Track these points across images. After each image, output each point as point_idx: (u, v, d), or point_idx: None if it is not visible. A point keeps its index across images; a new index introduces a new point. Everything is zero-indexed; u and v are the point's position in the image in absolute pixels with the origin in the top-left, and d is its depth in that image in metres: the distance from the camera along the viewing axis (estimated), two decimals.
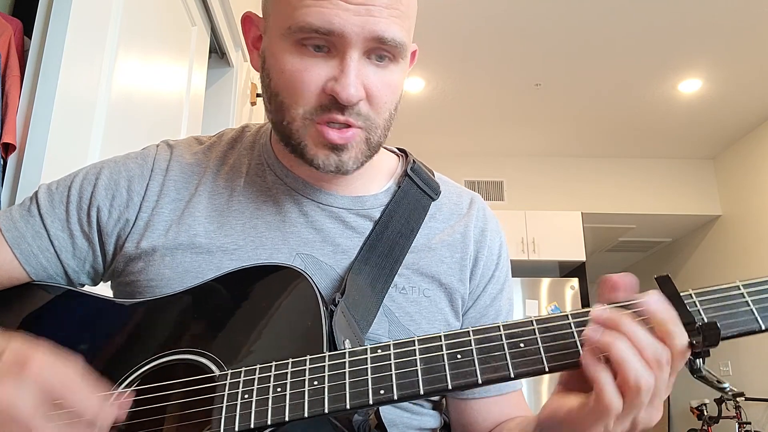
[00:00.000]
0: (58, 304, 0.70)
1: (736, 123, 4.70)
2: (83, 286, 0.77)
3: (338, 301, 0.63)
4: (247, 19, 0.73)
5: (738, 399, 4.53)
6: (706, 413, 4.95)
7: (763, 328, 0.50)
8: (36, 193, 0.74)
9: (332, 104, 0.63)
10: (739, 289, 0.51)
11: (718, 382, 0.50)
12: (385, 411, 0.69)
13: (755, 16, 3.42)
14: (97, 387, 0.52)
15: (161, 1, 1.69)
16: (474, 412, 0.75)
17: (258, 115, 2.97)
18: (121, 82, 1.39)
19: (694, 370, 0.50)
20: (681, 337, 0.49)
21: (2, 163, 1.05)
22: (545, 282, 4.73)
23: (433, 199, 0.78)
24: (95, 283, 0.78)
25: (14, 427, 0.47)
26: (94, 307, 0.68)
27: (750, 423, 4.55)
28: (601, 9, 3.40)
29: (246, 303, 0.62)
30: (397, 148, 0.85)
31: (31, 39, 1.14)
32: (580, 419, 0.50)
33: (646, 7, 3.37)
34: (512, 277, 0.84)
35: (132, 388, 0.59)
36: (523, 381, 0.75)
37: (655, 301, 0.49)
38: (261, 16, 0.71)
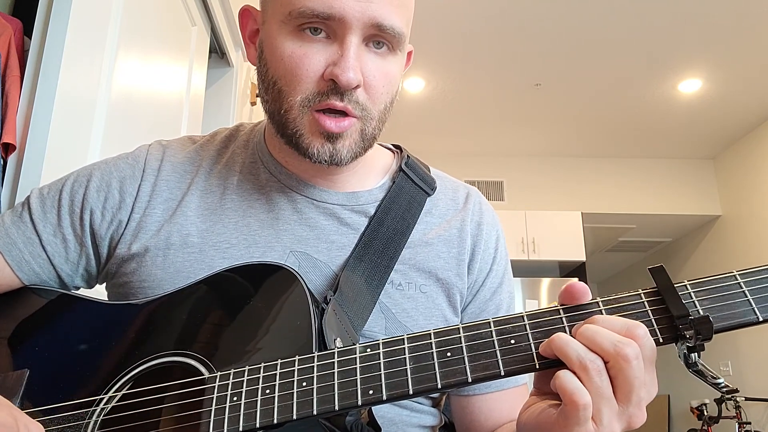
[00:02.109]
0: (51, 308, 0.70)
1: (736, 123, 4.70)
2: (78, 289, 0.77)
3: (330, 299, 0.63)
4: (246, 13, 0.73)
5: (737, 399, 4.53)
6: (706, 413, 4.95)
7: (761, 319, 0.48)
8: (28, 198, 0.74)
9: (331, 90, 0.63)
10: (736, 279, 0.50)
11: (713, 377, 0.48)
12: (385, 409, 0.68)
13: (755, 16, 3.42)
14: None
15: (161, 1, 1.69)
16: (476, 409, 0.74)
17: (258, 116, 2.97)
18: (121, 82, 1.39)
19: (690, 364, 0.49)
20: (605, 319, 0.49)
21: (2, 163, 1.05)
22: (545, 282, 4.73)
23: (429, 195, 0.77)
24: (90, 286, 0.77)
25: None
26: (86, 311, 0.68)
27: (750, 423, 4.54)
28: (601, 9, 3.40)
29: (235, 303, 0.61)
30: (392, 145, 0.84)
31: (31, 39, 1.14)
32: (555, 421, 0.49)
33: (646, 7, 3.37)
34: (512, 277, 0.83)
35: (123, 392, 0.59)
36: (527, 376, 0.74)
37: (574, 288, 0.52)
38: (259, 9, 0.71)
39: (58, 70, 1.11)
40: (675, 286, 0.50)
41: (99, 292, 0.76)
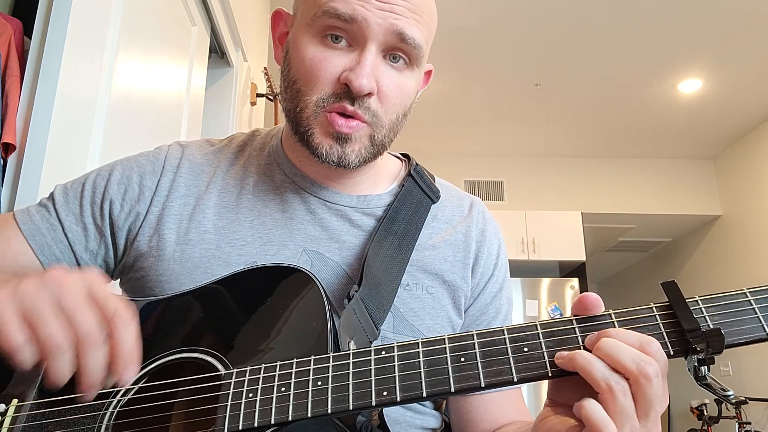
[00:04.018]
0: None
1: (736, 123, 4.70)
2: None
3: (353, 295, 0.65)
4: (278, 15, 0.77)
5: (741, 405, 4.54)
6: (706, 413, 4.96)
7: None
8: (52, 192, 0.78)
9: (344, 94, 0.66)
10: (747, 296, 0.51)
11: (722, 389, 0.49)
12: (389, 409, 0.69)
13: (755, 16, 3.42)
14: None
15: (161, 1, 1.69)
16: (472, 409, 0.76)
17: (258, 115, 2.97)
18: (121, 82, 1.39)
19: (699, 377, 0.49)
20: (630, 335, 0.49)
21: (2, 163, 1.05)
22: (545, 282, 4.73)
23: (434, 202, 0.81)
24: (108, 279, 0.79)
25: (43, 316, 0.51)
26: None
27: (750, 423, 4.55)
28: (601, 9, 3.40)
29: (253, 303, 0.63)
30: (401, 153, 0.88)
31: (31, 39, 1.14)
32: None
33: (646, 7, 3.37)
34: (512, 277, 0.85)
35: (139, 385, 0.59)
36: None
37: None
38: (291, 13, 0.75)
39: (58, 70, 1.11)
40: (686, 301, 0.51)
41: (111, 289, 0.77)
